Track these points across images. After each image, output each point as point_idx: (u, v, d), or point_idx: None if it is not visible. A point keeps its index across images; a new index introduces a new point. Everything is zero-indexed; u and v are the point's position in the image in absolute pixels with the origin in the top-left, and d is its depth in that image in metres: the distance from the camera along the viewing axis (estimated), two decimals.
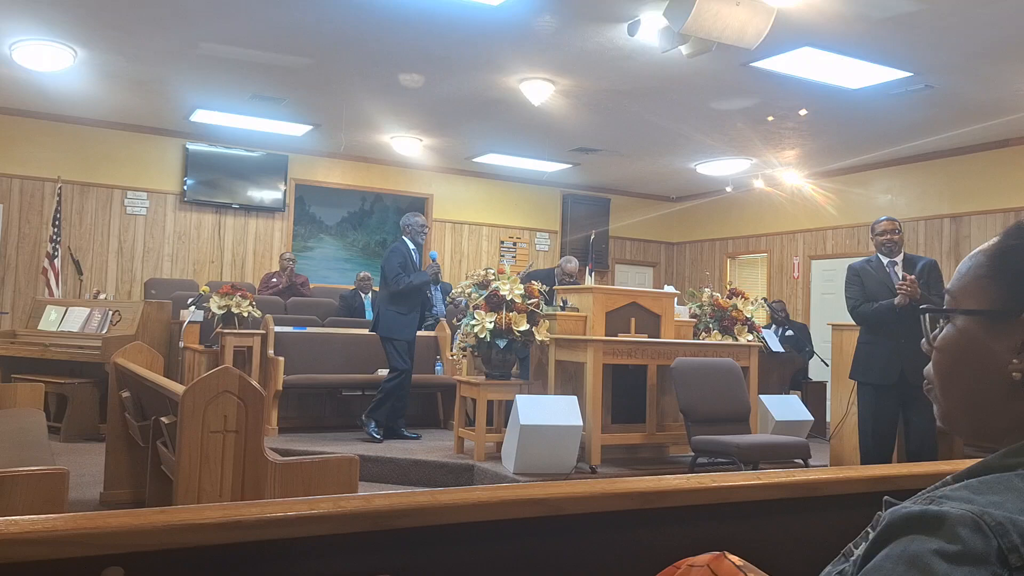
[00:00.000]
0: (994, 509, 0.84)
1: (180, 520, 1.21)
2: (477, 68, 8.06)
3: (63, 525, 1.15)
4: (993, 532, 0.82)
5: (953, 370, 1.04)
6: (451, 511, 1.37)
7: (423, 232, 7.86)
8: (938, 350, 1.06)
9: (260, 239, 11.68)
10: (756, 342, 7.51)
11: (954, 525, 0.83)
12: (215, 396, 3.06)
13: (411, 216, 7.90)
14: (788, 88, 8.22)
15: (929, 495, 0.90)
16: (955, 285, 1.06)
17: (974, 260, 1.06)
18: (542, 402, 6.30)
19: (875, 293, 5.80)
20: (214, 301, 7.93)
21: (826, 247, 12.24)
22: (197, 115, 10.16)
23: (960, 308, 1.04)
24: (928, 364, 1.08)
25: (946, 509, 0.85)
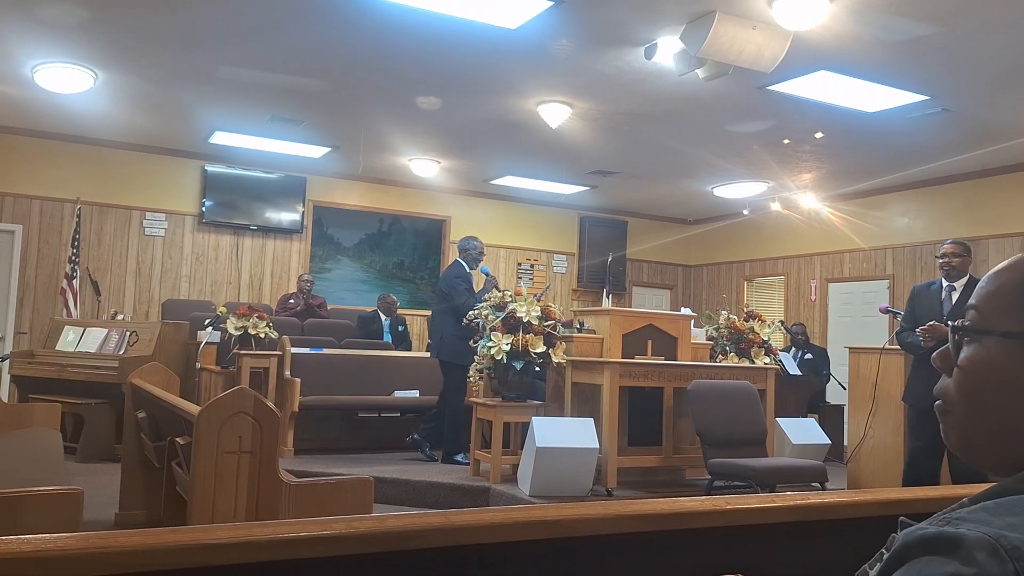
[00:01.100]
0: (1011, 532, 0.83)
1: (191, 540, 1.21)
2: (495, 91, 8.09)
3: (74, 544, 1.15)
4: (1010, 555, 0.81)
5: (980, 392, 0.98)
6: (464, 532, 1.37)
7: (480, 258, 7.97)
8: (963, 370, 1.00)
9: (278, 260, 11.73)
10: (773, 365, 7.47)
11: (970, 548, 0.81)
12: (230, 416, 3.06)
13: (471, 240, 7.99)
14: (804, 111, 8.21)
15: (945, 516, 0.89)
16: (985, 304, 1.01)
17: (1006, 278, 1.00)
18: (558, 424, 6.28)
19: (923, 318, 5.76)
20: (231, 322, 7.95)
21: (843, 270, 12.19)
22: (216, 137, 10.22)
23: (996, 329, 0.98)
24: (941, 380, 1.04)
25: (962, 531, 0.83)
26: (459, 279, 7.71)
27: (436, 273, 12.85)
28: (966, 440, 1.01)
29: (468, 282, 7.70)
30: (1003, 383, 0.97)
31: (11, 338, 10.15)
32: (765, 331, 7.74)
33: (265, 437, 3.10)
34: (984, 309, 1.01)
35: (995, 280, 1.02)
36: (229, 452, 3.06)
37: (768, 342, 7.72)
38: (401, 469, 7.10)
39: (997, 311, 0.99)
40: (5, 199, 10.31)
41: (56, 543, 1.14)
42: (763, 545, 1.61)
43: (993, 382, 0.98)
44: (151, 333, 8.53)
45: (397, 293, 12.02)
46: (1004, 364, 0.97)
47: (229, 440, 3.05)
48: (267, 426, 3.11)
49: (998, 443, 0.98)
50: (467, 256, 7.88)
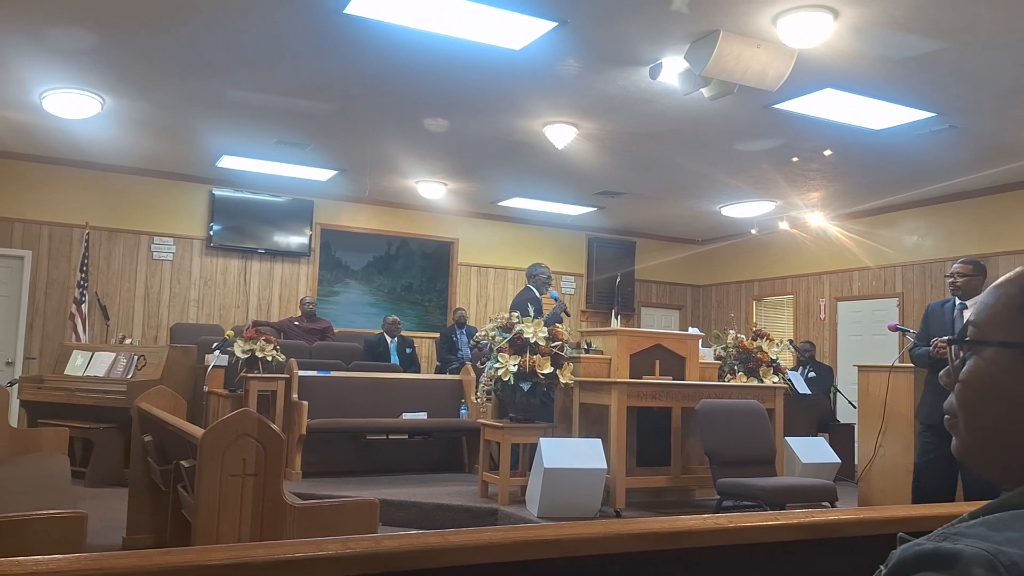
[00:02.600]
0: (1010, 547, 0.81)
1: (186, 561, 1.20)
2: (500, 112, 8.12)
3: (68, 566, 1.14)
4: (1008, 571, 0.79)
5: (980, 404, 0.99)
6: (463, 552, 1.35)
7: (548, 283, 8.17)
8: (963, 383, 1.02)
9: (286, 284, 11.75)
10: (782, 384, 7.45)
11: (968, 564, 0.80)
12: (234, 439, 3.06)
13: (538, 267, 8.23)
14: (812, 129, 8.21)
15: (944, 532, 0.87)
16: (981, 317, 1.02)
17: (1003, 291, 1.01)
18: (566, 445, 6.26)
19: (935, 336, 5.77)
20: (238, 345, 7.97)
21: (852, 289, 12.15)
22: (223, 161, 10.27)
23: (992, 340, 0.99)
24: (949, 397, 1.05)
25: (960, 547, 0.82)
26: (532, 302, 7.79)
27: (444, 296, 12.86)
28: (967, 449, 1.02)
29: (539, 305, 7.77)
30: (1002, 394, 0.97)
31: (20, 363, 10.17)
32: (773, 350, 7.71)
33: (269, 459, 3.10)
34: (981, 322, 1.02)
35: (993, 293, 1.03)
36: (233, 475, 3.05)
37: (777, 361, 7.69)
38: (409, 491, 7.08)
39: (994, 322, 1.00)
40: (15, 225, 10.37)
41: (50, 565, 1.13)
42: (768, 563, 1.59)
43: (991, 393, 0.98)
44: (159, 357, 8.54)
45: (405, 316, 12.03)
46: (1002, 375, 0.97)
47: (233, 463, 3.04)
48: (271, 448, 3.10)
49: (1001, 454, 0.98)
50: (536, 282, 8.12)
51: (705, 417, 6.29)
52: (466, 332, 11.23)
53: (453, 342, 11.26)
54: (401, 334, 11.03)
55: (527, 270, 8.33)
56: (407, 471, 8.40)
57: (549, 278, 8.19)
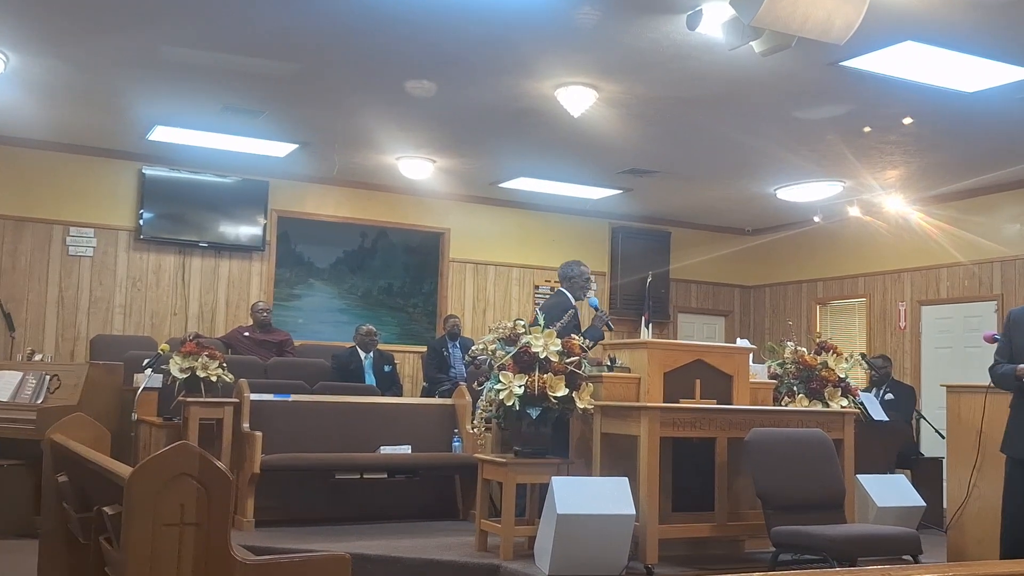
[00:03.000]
0: None
1: None
2: (502, 72, 8.11)
3: None
4: None
5: None
6: None
7: (588, 286, 8.13)
8: None
9: (234, 285, 11.75)
10: (852, 408, 7.43)
11: None
12: (170, 480, 3.05)
13: (574, 266, 8.19)
14: (888, 92, 8.19)
15: None
16: None
17: None
18: (585, 486, 6.25)
19: (1022, 350, 5.76)
20: (175, 362, 7.94)
21: (939, 290, 12.13)
22: (156, 133, 10.26)
23: None
24: None
25: None
26: (556, 308, 7.77)
27: (433, 300, 12.87)
28: None
29: (575, 316, 7.80)
30: None
31: None
32: (842, 366, 7.70)
33: (214, 505, 3.09)
34: None
35: None
36: (169, 524, 3.04)
37: (846, 380, 7.68)
38: (389, 544, 7.07)
39: None
40: None
41: None
42: None
43: None
44: (77, 377, 8.52)
45: (384, 324, 12.03)
46: None
47: (169, 509, 3.04)
48: (216, 492, 3.10)
49: None
50: (572, 285, 8.11)
51: (757, 450, 6.27)
52: (460, 345, 11.22)
53: (444, 357, 11.25)
54: (378, 348, 11.03)
55: (560, 270, 8.29)
56: (387, 518, 8.37)
57: (589, 279, 8.15)
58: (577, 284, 8.10)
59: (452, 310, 12.60)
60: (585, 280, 8.12)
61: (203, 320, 11.49)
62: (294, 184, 12.03)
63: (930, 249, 12.07)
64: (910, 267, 12.45)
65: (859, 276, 13.16)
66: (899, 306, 12.60)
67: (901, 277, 12.60)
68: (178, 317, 11.40)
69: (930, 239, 12.03)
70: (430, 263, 12.95)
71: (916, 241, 12.22)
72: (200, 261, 11.60)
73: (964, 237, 11.70)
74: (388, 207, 12.56)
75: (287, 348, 10.93)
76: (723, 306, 14.88)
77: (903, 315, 12.53)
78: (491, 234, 13.15)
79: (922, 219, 12.09)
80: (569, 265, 8.23)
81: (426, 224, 12.85)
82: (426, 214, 12.79)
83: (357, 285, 12.54)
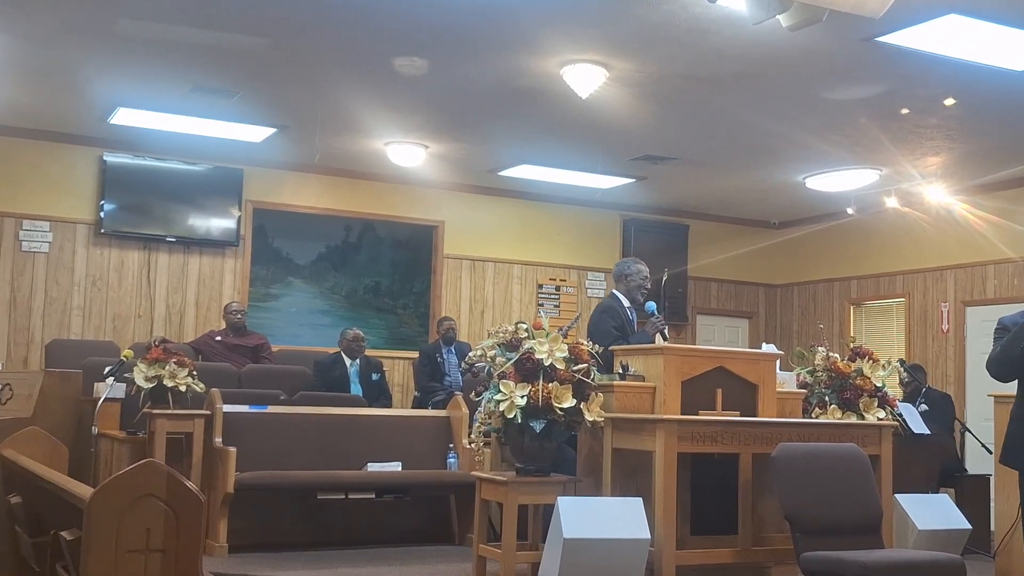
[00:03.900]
0: None
1: None
2: (502, 48, 8.10)
3: None
4: None
5: None
6: None
7: (644, 286, 7.99)
8: None
9: (205, 284, 11.75)
10: (890, 421, 7.42)
11: None
12: (134, 502, 3.05)
13: (630, 264, 8.11)
14: (928, 71, 8.20)
15: None
16: None
17: None
18: (594, 507, 6.24)
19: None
20: (139, 371, 7.93)
21: (986, 289, 12.13)
22: (118, 116, 10.26)
23: None
24: None
25: None
26: (605, 313, 7.75)
27: (424, 298, 12.86)
28: None
29: (618, 318, 7.75)
30: None
31: None
32: (878, 374, 7.70)
33: (183, 530, 3.09)
34: None
35: None
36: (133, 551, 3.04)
37: (883, 389, 7.68)
38: (377, 572, 7.09)
39: None
40: None
41: None
42: None
43: None
44: (30, 386, 8.51)
45: (372, 327, 12.01)
46: None
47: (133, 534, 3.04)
48: (186, 515, 3.09)
49: None
50: (627, 286, 8.00)
51: (785, 467, 6.26)
52: (455, 351, 11.21)
53: (438, 364, 11.24)
54: (365, 354, 11.01)
55: (614, 268, 8.19)
56: (375, 542, 8.38)
57: (646, 278, 8.01)
58: (633, 284, 7.98)
59: (447, 311, 12.59)
60: (643, 279, 7.99)
61: (171, 323, 11.49)
62: (271, 172, 12.03)
63: (976, 244, 12.07)
64: (954, 264, 12.45)
65: (897, 274, 13.16)
66: (941, 307, 12.60)
67: (944, 275, 12.60)
68: (143, 320, 11.40)
69: (976, 233, 12.03)
70: (422, 259, 12.94)
71: (960, 235, 12.21)
72: (167, 258, 11.60)
73: (1014, 230, 11.69)
74: (375, 198, 12.56)
75: (263, 354, 10.92)
76: (747, 307, 14.88)
77: (946, 317, 12.52)
78: (489, 227, 13.14)
79: (967, 210, 12.08)
80: (624, 263, 8.15)
81: (417, 216, 12.84)
82: (417, 205, 12.79)
83: (341, 284, 12.53)
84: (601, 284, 13.73)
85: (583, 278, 13.72)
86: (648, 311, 7.98)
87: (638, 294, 7.97)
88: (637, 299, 7.97)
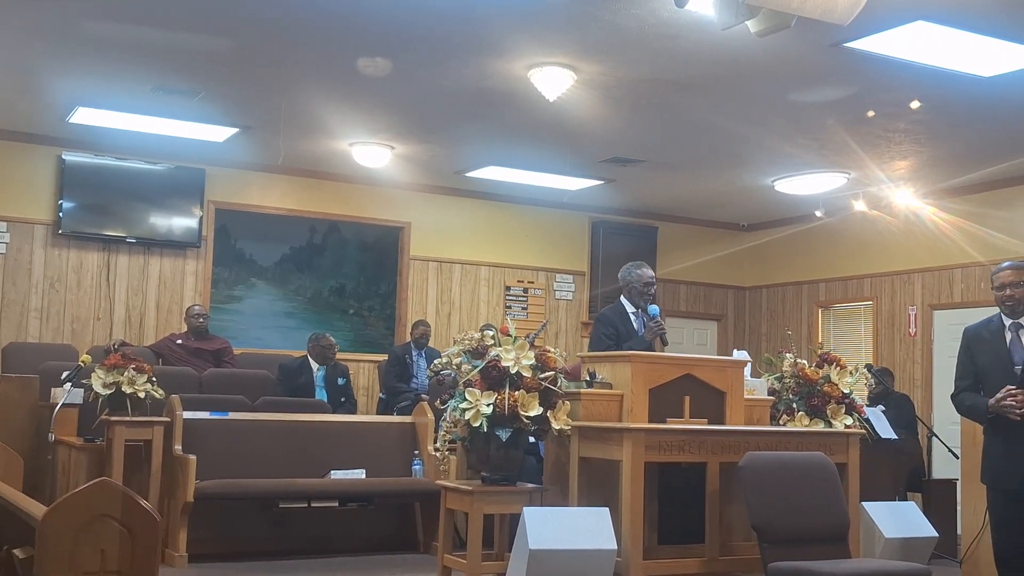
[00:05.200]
0: None
1: None
2: (468, 50, 8.08)
3: None
4: None
5: None
6: None
7: (647, 292, 7.91)
8: None
9: (166, 286, 11.68)
10: (858, 428, 7.44)
11: None
12: (89, 522, 3.02)
13: (631, 269, 8.02)
14: (896, 76, 8.22)
15: None
16: None
17: None
18: (560, 517, 6.23)
19: (987, 370, 5.89)
20: (97, 377, 7.87)
21: (953, 293, 12.19)
22: (78, 115, 10.20)
23: None
24: None
25: None
26: (599, 322, 7.71)
27: (390, 300, 12.84)
28: None
29: (609, 325, 7.71)
30: None
31: None
32: (846, 380, 7.71)
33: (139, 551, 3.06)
34: None
35: None
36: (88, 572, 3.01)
37: (851, 396, 7.69)
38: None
39: None
40: None
41: None
42: None
43: None
44: None
45: (337, 331, 11.96)
46: None
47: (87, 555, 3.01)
48: (142, 535, 3.07)
49: None
50: (629, 292, 7.94)
51: (752, 476, 6.27)
52: (426, 355, 11.19)
53: (407, 365, 11.21)
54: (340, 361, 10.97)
55: (620, 272, 8.11)
56: (338, 551, 8.38)
57: (647, 284, 7.91)
58: (634, 290, 7.90)
59: (413, 314, 12.58)
60: (643, 285, 7.89)
61: (130, 326, 11.42)
62: (234, 172, 11.98)
63: (943, 247, 12.13)
64: (921, 267, 12.51)
65: (865, 277, 13.22)
66: (909, 310, 12.66)
67: (911, 278, 12.66)
68: (102, 323, 11.33)
69: (943, 236, 12.09)
70: (388, 261, 12.92)
71: (928, 238, 12.27)
72: (127, 259, 11.53)
73: (981, 234, 11.75)
74: (340, 199, 12.53)
75: (225, 358, 10.87)
76: (715, 309, 14.91)
77: (913, 320, 12.59)
78: (456, 229, 13.13)
79: (934, 214, 12.15)
80: (624, 269, 8.07)
81: (383, 218, 12.81)
82: (383, 206, 12.76)
83: (305, 286, 12.50)
84: (570, 286, 13.75)
85: (551, 280, 13.72)
86: (651, 314, 7.91)
87: (639, 300, 7.91)
88: (639, 304, 7.93)
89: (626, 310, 7.90)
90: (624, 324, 7.77)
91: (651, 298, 7.94)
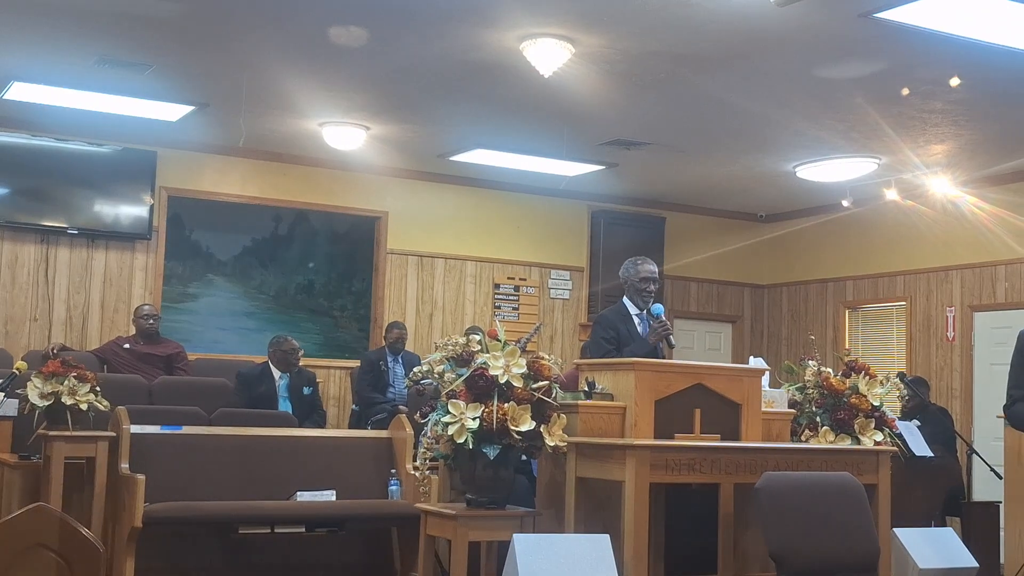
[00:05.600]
0: None
1: None
2: (453, 19, 8.09)
3: None
4: None
5: None
6: None
7: (645, 289, 7.88)
8: None
9: (112, 283, 11.69)
10: (889, 445, 7.44)
11: None
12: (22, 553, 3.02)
13: (627, 265, 8.02)
14: (932, 50, 8.25)
15: None
16: None
17: None
18: (554, 544, 6.23)
19: None
20: (34, 386, 7.87)
21: (996, 292, 12.22)
22: (12, 91, 10.21)
23: None
24: None
25: None
26: (597, 325, 7.72)
27: (364, 299, 12.84)
28: None
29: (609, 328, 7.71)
30: None
31: None
32: (875, 391, 7.71)
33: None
34: None
35: None
36: None
37: (881, 409, 7.69)
38: None
39: None
40: None
41: None
42: None
43: None
44: None
45: (304, 333, 11.97)
46: None
47: None
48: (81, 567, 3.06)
49: None
50: (628, 290, 7.94)
51: (771, 500, 6.27)
52: (403, 361, 11.19)
53: (382, 372, 11.21)
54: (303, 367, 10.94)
55: (620, 271, 8.11)
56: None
57: (646, 279, 7.88)
58: (632, 288, 7.90)
59: (390, 314, 12.58)
60: (640, 281, 7.88)
61: (72, 328, 11.43)
62: (189, 155, 12.01)
63: (985, 242, 12.17)
64: (960, 264, 12.56)
65: (898, 274, 13.25)
66: (947, 312, 12.69)
67: (949, 276, 12.70)
68: (40, 324, 11.33)
69: (985, 229, 12.12)
70: (362, 255, 12.94)
71: (968, 232, 12.31)
72: (68, 252, 11.54)
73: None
74: (309, 185, 12.55)
75: (178, 364, 10.85)
76: (730, 310, 14.94)
77: (951, 323, 12.61)
78: (439, 219, 13.14)
79: (975, 204, 12.17)
80: (624, 266, 8.07)
81: (357, 206, 12.83)
82: (357, 194, 12.79)
83: (269, 282, 12.51)
84: (567, 284, 13.76)
85: (546, 277, 13.73)
86: (654, 314, 7.89)
87: (638, 298, 7.88)
88: (639, 302, 7.89)
89: (629, 312, 7.87)
90: (626, 327, 7.76)
91: (651, 297, 7.94)
